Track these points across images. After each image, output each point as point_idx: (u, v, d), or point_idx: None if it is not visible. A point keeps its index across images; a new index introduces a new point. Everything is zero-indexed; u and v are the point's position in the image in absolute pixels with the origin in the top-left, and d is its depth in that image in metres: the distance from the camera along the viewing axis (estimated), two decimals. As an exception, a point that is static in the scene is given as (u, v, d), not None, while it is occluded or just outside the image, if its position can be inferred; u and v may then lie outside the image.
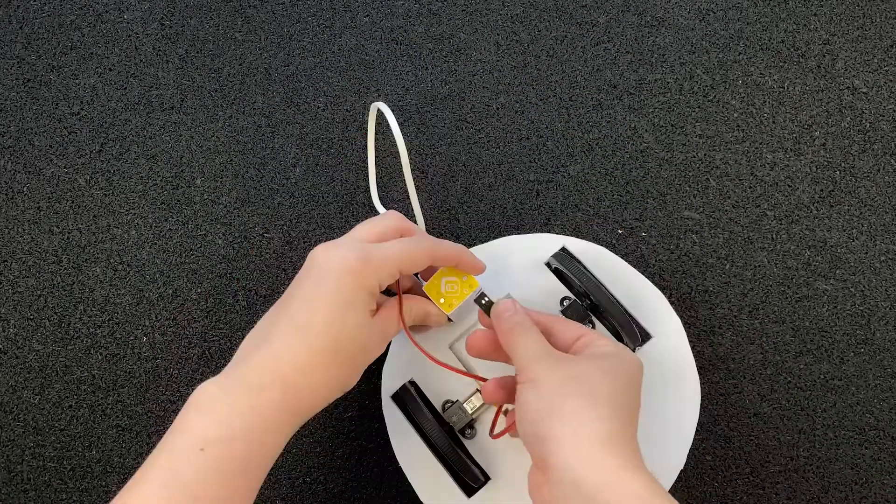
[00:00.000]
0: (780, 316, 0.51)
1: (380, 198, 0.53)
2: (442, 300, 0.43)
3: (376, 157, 0.54)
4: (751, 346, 0.50)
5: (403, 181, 0.53)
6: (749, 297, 0.51)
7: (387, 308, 0.42)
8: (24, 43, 0.56)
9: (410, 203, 0.49)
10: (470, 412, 0.45)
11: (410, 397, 0.46)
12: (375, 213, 0.53)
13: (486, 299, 0.43)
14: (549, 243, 0.49)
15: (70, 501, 0.49)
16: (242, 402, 0.36)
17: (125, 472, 0.50)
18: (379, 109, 0.50)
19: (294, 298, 0.39)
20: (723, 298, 0.51)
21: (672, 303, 0.48)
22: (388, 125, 0.47)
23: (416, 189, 0.53)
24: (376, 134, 0.54)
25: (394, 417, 0.46)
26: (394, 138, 0.46)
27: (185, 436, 0.35)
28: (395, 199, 0.53)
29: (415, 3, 0.57)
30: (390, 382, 0.47)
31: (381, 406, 0.49)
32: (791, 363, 0.50)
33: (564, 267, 0.47)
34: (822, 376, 0.50)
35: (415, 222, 0.49)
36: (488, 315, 0.42)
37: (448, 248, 0.43)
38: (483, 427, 0.46)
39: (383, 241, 0.41)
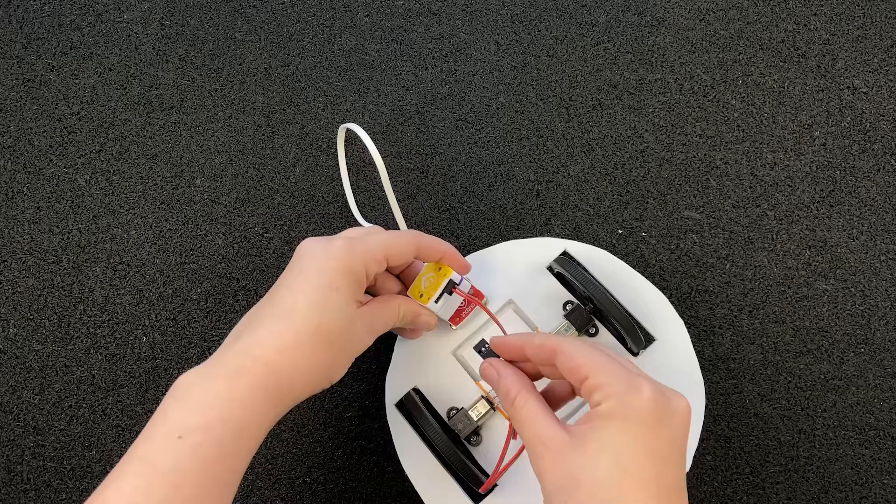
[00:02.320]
0: (780, 316, 0.51)
1: (370, 208, 0.53)
2: (421, 295, 0.44)
3: (368, 166, 0.53)
4: (751, 346, 0.50)
5: (396, 191, 0.54)
6: (749, 297, 0.51)
7: (375, 301, 0.42)
8: (24, 43, 0.56)
9: (394, 218, 0.49)
10: (475, 419, 0.45)
11: (415, 405, 0.45)
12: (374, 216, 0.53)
13: (486, 346, 0.43)
14: (550, 247, 0.48)
15: (70, 501, 0.49)
16: (221, 387, 0.36)
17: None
18: (349, 129, 0.48)
19: (278, 288, 0.40)
20: (723, 298, 0.51)
21: (672, 303, 0.48)
22: (384, 131, 0.47)
23: (417, 189, 0.53)
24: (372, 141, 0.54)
25: (398, 425, 0.46)
26: (376, 152, 0.45)
27: (163, 425, 0.35)
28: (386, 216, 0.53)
29: (415, 3, 0.57)
30: (394, 390, 0.46)
31: (381, 406, 0.49)
32: (791, 363, 0.50)
33: (566, 271, 0.47)
34: (822, 376, 0.50)
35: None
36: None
37: (434, 241, 0.43)
38: (488, 434, 0.46)
39: None
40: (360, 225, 0.52)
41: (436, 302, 0.44)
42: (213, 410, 0.35)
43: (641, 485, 0.32)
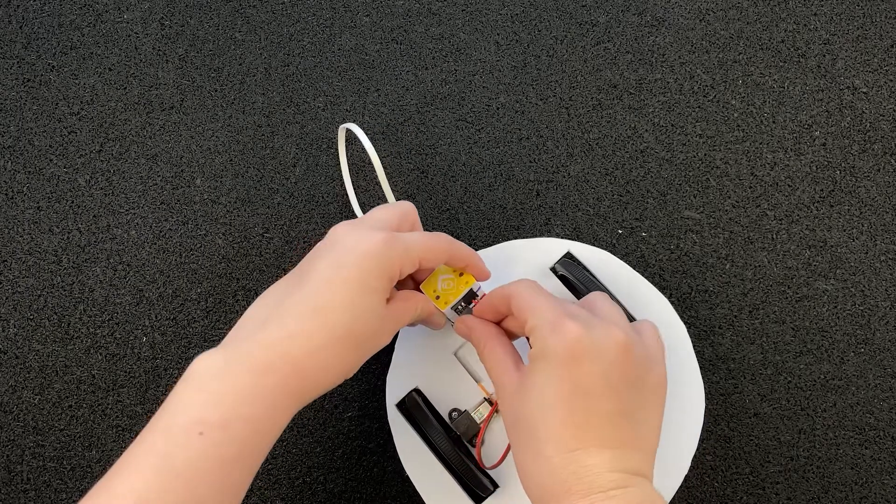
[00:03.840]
0: (780, 316, 0.51)
1: (370, 208, 0.53)
2: (438, 297, 0.43)
3: (369, 166, 0.53)
4: (751, 346, 0.50)
5: (396, 191, 0.54)
6: (749, 297, 0.51)
7: (399, 299, 0.41)
8: (24, 43, 0.56)
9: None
10: (478, 421, 0.45)
11: (416, 407, 0.45)
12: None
13: (462, 305, 0.43)
14: (553, 247, 0.48)
15: (70, 501, 0.49)
16: (246, 383, 0.34)
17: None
18: (348, 130, 0.49)
19: (311, 276, 0.37)
20: (723, 298, 0.51)
21: (672, 303, 0.48)
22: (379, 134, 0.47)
23: (417, 189, 0.53)
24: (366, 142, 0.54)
25: (400, 426, 0.46)
26: (378, 151, 0.45)
27: (182, 416, 0.33)
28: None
29: (415, 3, 0.57)
30: (395, 391, 0.46)
31: (381, 406, 0.49)
32: (791, 363, 0.50)
33: (570, 273, 0.47)
34: (822, 376, 0.50)
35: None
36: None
37: (464, 248, 0.42)
38: (491, 435, 0.45)
39: (401, 230, 0.41)
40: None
41: (453, 308, 0.43)
42: (235, 407, 0.34)
43: (565, 417, 0.35)
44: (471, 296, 0.43)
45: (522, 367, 0.38)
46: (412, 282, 0.44)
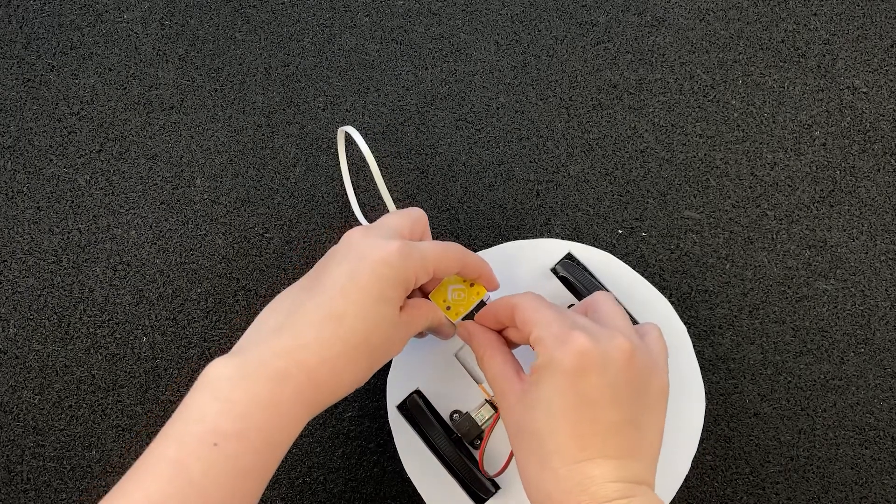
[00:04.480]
0: (780, 316, 0.51)
1: (370, 208, 0.53)
2: (448, 307, 0.42)
3: (368, 165, 0.53)
4: (751, 346, 0.50)
5: (396, 190, 0.54)
6: (749, 297, 0.51)
7: (411, 308, 0.40)
8: (24, 43, 0.56)
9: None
10: (479, 423, 0.44)
11: (418, 409, 0.45)
12: (371, 217, 0.53)
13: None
14: (553, 248, 0.48)
15: (70, 501, 0.49)
16: (261, 391, 0.34)
17: (125, 473, 0.50)
18: (347, 133, 0.48)
19: (326, 283, 0.37)
20: (723, 298, 0.51)
21: (672, 303, 0.48)
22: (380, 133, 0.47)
23: (417, 189, 0.53)
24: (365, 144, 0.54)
25: (400, 427, 0.46)
26: (379, 153, 0.45)
27: (198, 425, 0.33)
28: (385, 209, 0.53)
29: (415, 3, 0.57)
30: (396, 392, 0.46)
31: (381, 406, 0.49)
32: (791, 363, 0.50)
33: (571, 275, 0.47)
34: (822, 376, 0.50)
35: None
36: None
37: (476, 259, 0.42)
38: (493, 438, 0.45)
39: (412, 237, 0.41)
40: (360, 224, 0.52)
41: (464, 319, 0.43)
42: (250, 417, 0.33)
43: (571, 429, 0.35)
44: (481, 307, 0.43)
45: (524, 377, 0.38)
46: (419, 291, 0.44)
